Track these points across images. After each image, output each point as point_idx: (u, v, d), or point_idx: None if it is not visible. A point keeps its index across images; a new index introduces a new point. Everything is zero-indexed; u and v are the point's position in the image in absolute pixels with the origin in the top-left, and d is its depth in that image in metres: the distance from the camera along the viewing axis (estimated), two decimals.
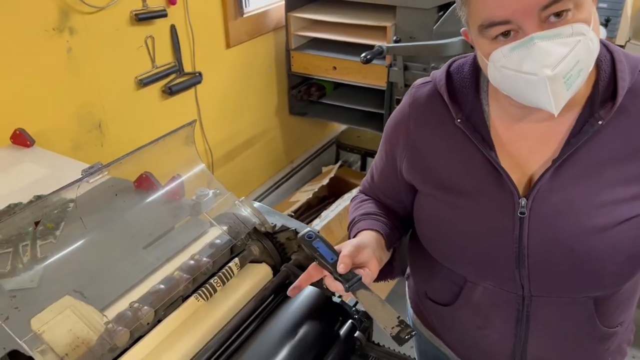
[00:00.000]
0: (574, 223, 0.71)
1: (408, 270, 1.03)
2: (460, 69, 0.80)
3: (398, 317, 0.68)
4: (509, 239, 0.74)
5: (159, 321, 0.83)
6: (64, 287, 0.79)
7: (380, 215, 0.88)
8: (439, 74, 0.82)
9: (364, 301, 0.70)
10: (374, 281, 0.80)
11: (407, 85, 2.04)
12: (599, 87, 0.70)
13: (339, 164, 2.48)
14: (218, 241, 0.97)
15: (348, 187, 2.31)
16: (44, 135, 1.42)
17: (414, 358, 0.91)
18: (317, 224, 1.95)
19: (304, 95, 2.28)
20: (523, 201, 0.73)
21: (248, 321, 0.87)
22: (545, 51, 0.62)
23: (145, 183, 1.09)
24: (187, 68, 1.88)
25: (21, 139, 1.27)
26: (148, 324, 0.81)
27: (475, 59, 0.78)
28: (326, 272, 0.74)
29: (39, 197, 1.14)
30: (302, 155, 2.67)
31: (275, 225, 1.01)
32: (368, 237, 0.81)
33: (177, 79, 1.84)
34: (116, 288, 0.83)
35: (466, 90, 0.78)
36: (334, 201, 2.13)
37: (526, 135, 0.75)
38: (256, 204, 1.05)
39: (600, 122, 0.69)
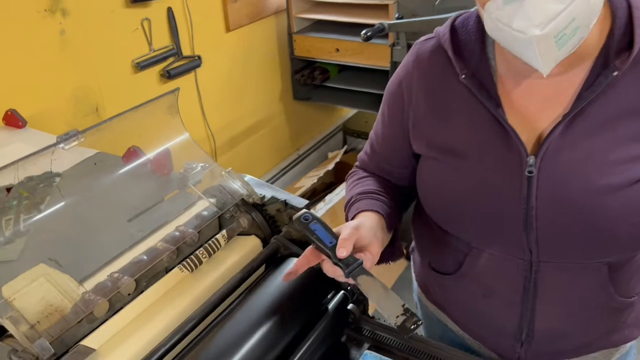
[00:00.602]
0: (585, 181, 0.66)
1: (413, 244, 0.98)
2: (465, 22, 0.76)
3: (403, 305, 0.63)
4: (516, 200, 0.70)
5: (141, 292, 0.80)
6: (42, 257, 0.77)
7: (380, 194, 0.83)
8: (442, 29, 0.77)
9: (365, 288, 0.66)
10: (376, 264, 0.77)
11: None
12: (614, 37, 0.66)
13: (344, 148, 2.44)
14: (205, 213, 0.94)
15: None
16: (39, 118, 1.41)
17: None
18: (322, 208, 1.91)
19: (308, 79, 2.25)
20: (531, 159, 0.68)
21: (234, 293, 0.84)
22: (537, 7, 0.58)
23: (133, 157, 1.06)
24: (186, 52, 1.86)
25: (13, 120, 1.26)
26: (129, 294, 0.79)
27: None
28: (324, 257, 0.70)
29: (29, 179, 1.12)
30: (309, 142, 2.64)
31: (264, 197, 0.97)
32: (368, 219, 0.77)
33: (175, 63, 1.82)
34: (97, 260, 0.81)
35: (472, 45, 0.73)
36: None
37: (535, 91, 0.70)
38: (246, 177, 1.01)
39: (615, 73, 0.64)
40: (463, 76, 0.72)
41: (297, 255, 0.89)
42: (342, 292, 0.89)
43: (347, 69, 2.29)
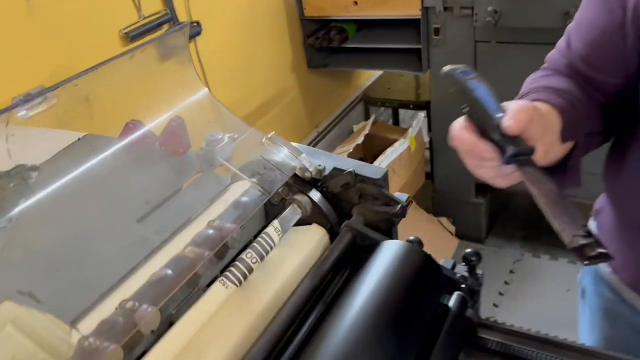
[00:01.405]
0: None
1: (597, 204, 0.73)
2: None
3: (584, 226, 0.46)
4: None
5: (170, 325, 0.53)
6: (10, 291, 0.50)
7: (567, 93, 0.58)
8: None
9: (535, 186, 0.48)
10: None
11: (446, 9, 1.69)
12: None
13: (372, 118, 2.15)
14: (245, 199, 0.66)
15: (386, 144, 1.98)
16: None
17: (552, 337, 0.61)
18: None
19: (323, 41, 1.95)
20: None
21: (305, 308, 0.56)
22: None
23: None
24: (182, 17, 1.57)
25: None
26: (152, 331, 0.51)
27: None
28: (475, 135, 0.49)
29: None
30: (328, 117, 2.35)
31: (323, 169, 0.69)
32: (543, 107, 0.54)
33: None
34: (96, 284, 0.53)
35: None
36: (371, 163, 1.81)
37: None
38: (293, 144, 0.73)
39: None
40: None
41: (378, 243, 0.62)
42: (456, 293, 0.62)
43: (367, 25, 1.99)
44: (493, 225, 2.10)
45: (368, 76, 2.53)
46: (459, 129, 0.50)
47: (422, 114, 1.98)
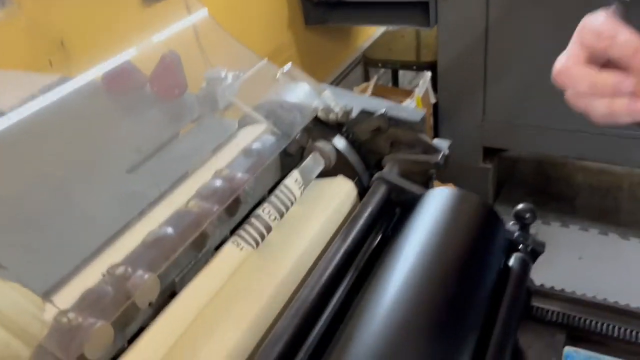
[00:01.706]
0: None
1: None
2: None
3: None
4: None
5: (172, 296, 0.42)
6: None
7: None
8: None
9: None
10: None
11: None
12: None
13: (374, 79, 2.03)
14: (257, 145, 0.54)
15: None
16: None
17: (621, 305, 0.52)
18: None
19: None
20: None
21: (340, 275, 0.46)
22: None
23: (119, 76, 0.66)
24: None
25: None
26: (150, 304, 0.40)
27: None
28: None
29: None
30: (326, 78, 2.22)
31: (350, 110, 0.58)
32: None
33: None
34: (77, 247, 0.42)
35: None
36: None
37: None
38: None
39: None
40: None
41: (418, 198, 0.51)
42: (516, 254, 0.52)
43: None
44: (500, 192, 2.01)
45: (367, 37, 2.39)
46: (623, 30, 0.35)
47: (428, 75, 1.86)
